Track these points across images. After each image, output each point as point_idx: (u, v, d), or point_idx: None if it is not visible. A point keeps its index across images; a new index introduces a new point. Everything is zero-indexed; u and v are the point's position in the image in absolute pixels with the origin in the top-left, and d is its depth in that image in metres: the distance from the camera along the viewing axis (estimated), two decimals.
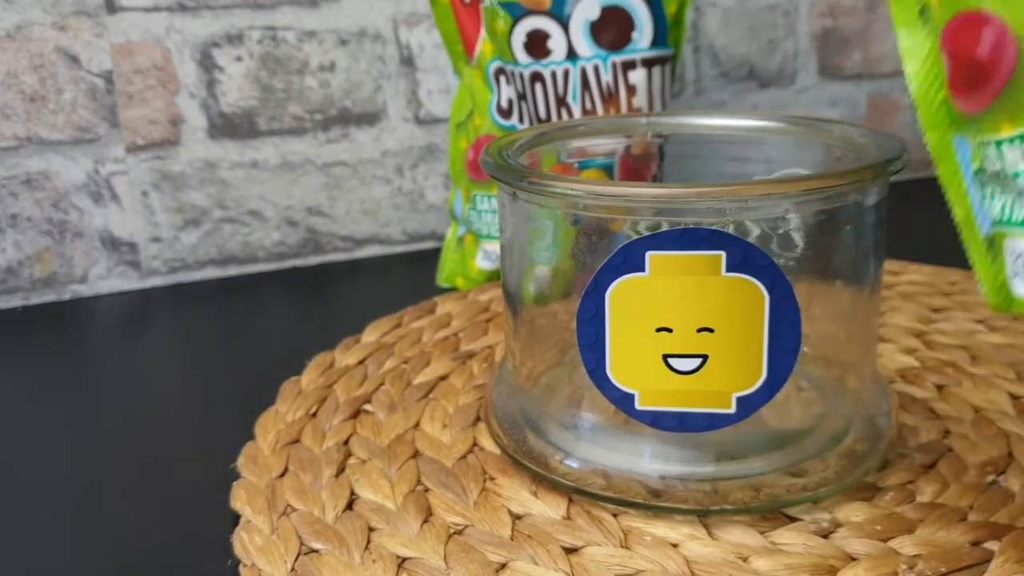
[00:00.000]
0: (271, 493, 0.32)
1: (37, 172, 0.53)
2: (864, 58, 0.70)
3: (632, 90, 0.48)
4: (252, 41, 0.55)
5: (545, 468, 0.31)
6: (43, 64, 0.52)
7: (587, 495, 0.30)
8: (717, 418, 0.28)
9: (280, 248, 0.58)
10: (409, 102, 0.59)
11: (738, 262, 0.26)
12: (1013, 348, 0.40)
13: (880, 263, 0.31)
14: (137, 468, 0.35)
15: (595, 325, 0.28)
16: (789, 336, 0.27)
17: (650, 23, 0.48)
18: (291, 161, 0.57)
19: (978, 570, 0.27)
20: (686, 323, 0.27)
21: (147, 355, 0.47)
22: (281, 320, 0.51)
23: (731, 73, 0.66)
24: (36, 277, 0.54)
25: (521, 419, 0.32)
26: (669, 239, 0.26)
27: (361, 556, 0.28)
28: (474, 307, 0.47)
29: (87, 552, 0.30)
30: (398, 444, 0.34)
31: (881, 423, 0.31)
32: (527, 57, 0.48)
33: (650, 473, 0.29)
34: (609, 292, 0.27)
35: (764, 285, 0.27)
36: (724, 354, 0.27)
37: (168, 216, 0.56)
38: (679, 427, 0.28)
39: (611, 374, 0.28)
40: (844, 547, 0.28)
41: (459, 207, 0.53)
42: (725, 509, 0.28)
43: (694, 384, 0.28)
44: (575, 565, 0.27)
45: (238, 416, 0.37)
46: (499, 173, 0.30)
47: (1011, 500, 0.30)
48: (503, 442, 0.32)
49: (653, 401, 0.28)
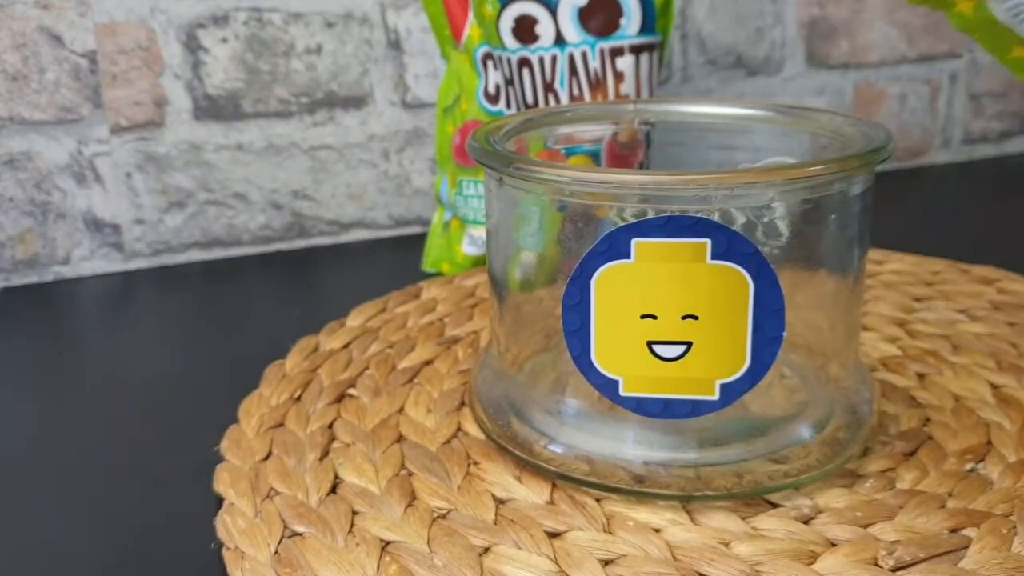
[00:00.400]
0: (255, 476, 0.32)
1: (19, 152, 0.52)
2: (851, 47, 0.70)
3: (620, 77, 0.48)
4: (238, 22, 0.55)
5: (529, 453, 0.31)
6: (25, 43, 0.51)
7: (571, 480, 0.30)
8: (701, 405, 0.28)
9: (265, 231, 0.58)
10: (396, 86, 0.59)
11: (723, 250, 0.26)
12: (994, 337, 0.40)
13: (864, 252, 0.31)
14: (120, 451, 0.35)
15: (580, 311, 0.28)
16: (773, 324, 0.27)
17: (638, 10, 0.48)
18: (276, 144, 0.57)
19: (956, 556, 0.27)
20: (671, 310, 0.27)
21: (130, 338, 0.47)
22: (266, 303, 0.50)
23: (718, 61, 0.66)
24: (18, 258, 0.53)
25: (505, 404, 0.32)
26: (655, 226, 0.27)
27: (345, 539, 0.28)
28: (459, 292, 0.47)
29: (69, 535, 0.30)
30: (382, 428, 0.34)
31: (863, 411, 0.32)
32: (515, 42, 0.48)
33: (633, 459, 0.29)
34: (594, 279, 0.27)
35: (749, 273, 0.27)
36: (708, 341, 0.27)
37: (152, 198, 0.55)
38: (663, 413, 0.28)
39: (596, 360, 0.28)
40: (825, 533, 0.28)
41: (445, 192, 0.53)
42: (707, 495, 0.29)
43: (678, 371, 0.28)
44: (558, 549, 0.27)
45: (222, 399, 0.37)
46: (485, 158, 0.30)
47: (989, 488, 0.30)
48: (487, 427, 0.32)
49: (637, 387, 0.28)
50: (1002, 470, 0.31)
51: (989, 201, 0.66)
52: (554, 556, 0.27)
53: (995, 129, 0.76)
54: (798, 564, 0.27)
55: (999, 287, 0.46)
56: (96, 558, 0.29)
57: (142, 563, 0.29)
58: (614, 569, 0.27)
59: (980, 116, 0.75)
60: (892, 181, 0.69)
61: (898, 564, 0.26)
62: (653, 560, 0.27)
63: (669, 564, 0.27)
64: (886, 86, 0.71)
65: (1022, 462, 0.31)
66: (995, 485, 0.30)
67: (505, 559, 0.27)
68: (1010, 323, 0.42)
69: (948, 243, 0.54)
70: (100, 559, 0.29)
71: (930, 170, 0.73)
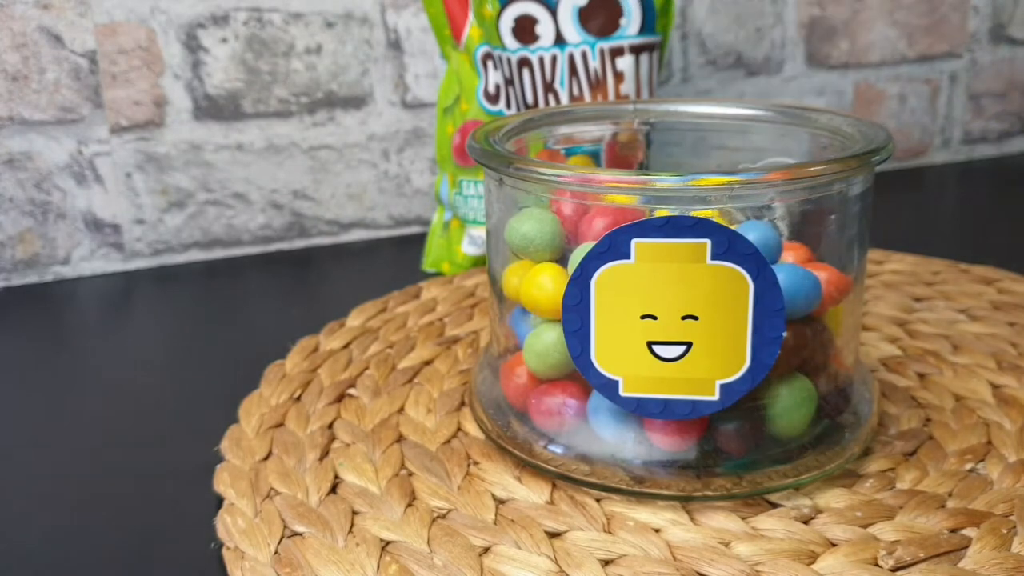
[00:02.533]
0: (255, 476, 0.32)
1: (19, 152, 0.52)
2: (851, 47, 0.70)
3: (620, 77, 0.48)
4: (238, 22, 0.55)
5: (529, 454, 0.31)
6: (25, 43, 0.51)
7: (571, 480, 0.30)
8: (701, 405, 0.28)
9: (265, 231, 0.58)
10: (396, 86, 0.59)
11: (723, 250, 0.26)
12: (994, 338, 0.40)
13: (864, 252, 0.31)
14: (120, 451, 0.35)
15: (580, 312, 0.28)
16: (773, 324, 0.27)
17: (638, 10, 0.48)
18: (276, 144, 0.57)
19: (956, 556, 0.27)
20: (671, 310, 0.27)
21: (130, 338, 0.47)
22: (266, 303, 0.50)
23: (718, 61, 0.66)
24: (18, 258, 0.53)
25: (505, 405, 0.32)
26: (654, 227, 0.27)
27: (344, 539, 0.28)
28: (459, 292, 0.47)
29: (69, 534, 0.30)
30: (382, 428, 0.34)
31: (863, 411, 0.32)
32: (515, 42, 0.48)
33: (633, 459, 0.29)
34: (594, 279, 0.27)
35: (749, 273, 0.27)
36: (708, 341, 0.27)
37: (152, 198, 0.55)
38: (663, 414, 0.28)
39: (595, 360, 0.28)
40: (824, 533, 0.28)
41: (445, 192, 0.53)
42: (707, 495, 0.29)
43: (678, 371, 0.28)
44: (558, 549, 0.27)
45: (222, 399, 0.37)
46: (485, 159, 0.30)
47: (989, 488, 0.30)
48: (487, 427, 0.32)
49: (637, 388, 0.28)
50: (1002, 470, 0.31)
51: (989, 201, 0.66)
52: (554, 556, 0.27)
53: (995, 129, 0.76)
54: (798, 564, 0.27)
55: (999, 287, 0.46)
56: (96, 558, 0.29)
57: (142, 563, 0.29)
58: (614, 569, 0.27)
59: (980, 116, 0.75)
60: (892, 181, 0.69)
61: (898, 564, 0.26)
62: (653, 560, 0.27)
63: (669, 564, 0.27)
64: (886, 86, 0.71)
65: (1022, 462, 0.31)
66: (995, 485, 0.30)
67: (505, 559, 0.27)
68: (1010, 323, 0.42)
69: (948, 243, 0.54)
70: (100, 559, 0.29)
71: (930, 170, 0.73)
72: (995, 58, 0.74)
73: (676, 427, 0.29)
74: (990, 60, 0.74)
